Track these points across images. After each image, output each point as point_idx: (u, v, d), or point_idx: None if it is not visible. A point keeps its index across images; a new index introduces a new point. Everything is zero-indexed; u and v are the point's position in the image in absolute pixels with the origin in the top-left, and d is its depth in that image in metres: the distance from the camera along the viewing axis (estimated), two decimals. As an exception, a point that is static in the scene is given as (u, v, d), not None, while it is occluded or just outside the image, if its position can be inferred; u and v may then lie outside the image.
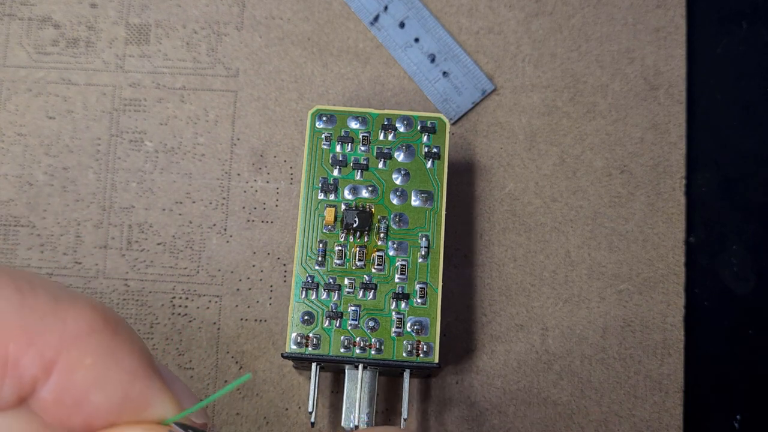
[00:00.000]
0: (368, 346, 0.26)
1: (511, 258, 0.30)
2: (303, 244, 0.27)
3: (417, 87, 0.31)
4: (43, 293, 0.16)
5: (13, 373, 0.16)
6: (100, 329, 0.16)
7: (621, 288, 0.30)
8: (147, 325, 0.30)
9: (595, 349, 0.30)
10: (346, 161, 0.28)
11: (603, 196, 0.31)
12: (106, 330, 0.16)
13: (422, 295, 0.27)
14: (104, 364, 0.16)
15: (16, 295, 0.16)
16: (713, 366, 0.30)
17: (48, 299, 0.16)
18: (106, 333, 0.16)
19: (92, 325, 0.16)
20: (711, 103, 0.32)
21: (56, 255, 0.30)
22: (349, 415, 0.26)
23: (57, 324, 0.16)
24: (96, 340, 0.16)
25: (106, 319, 0.17)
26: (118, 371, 0.16)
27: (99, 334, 0.16)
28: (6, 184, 0.31)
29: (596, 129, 0.31)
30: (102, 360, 0.16)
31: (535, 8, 0.32)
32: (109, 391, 0.16)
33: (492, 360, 0.30)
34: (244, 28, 0.32)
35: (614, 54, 0.31)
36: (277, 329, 0.30)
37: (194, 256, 0.30)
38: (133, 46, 0.32)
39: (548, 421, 0.29)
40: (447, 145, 0.28)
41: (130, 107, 0.31)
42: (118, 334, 0.17)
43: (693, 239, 0.31)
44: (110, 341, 0.16)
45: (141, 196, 0.31)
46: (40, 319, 0.16)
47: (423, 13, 0.32)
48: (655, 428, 0.29)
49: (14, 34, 0.32)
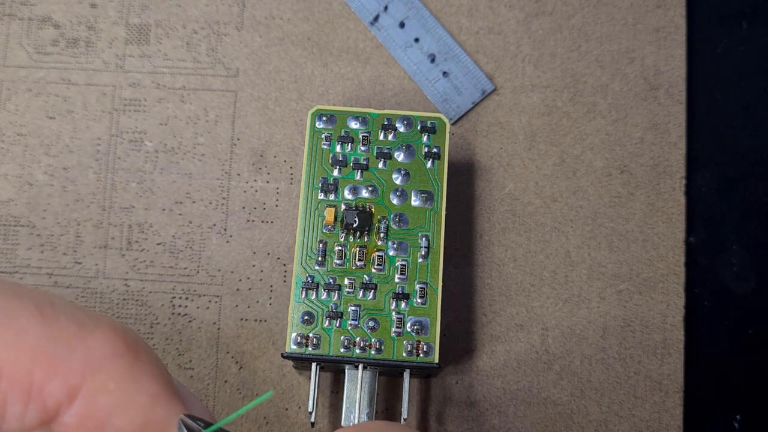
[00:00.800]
0: (368, 346, 0.26)
1: (511, 258, 0.30)
2: (303, 244, 0.27)
3: (417, 87, 0.31)
4: (65, 317, 0.16)
5: (38, 399, 0.16)
6: (122, 353, 0.16)
7: (621, 288, 0.30)
8: (147, 325, 0.30)
9: (595, 349, 0.30)
10: (346, 161, 0.28)
11: (603, 196, 0.31)
12: (128, 354, 0.17)
13: (422, 295, 0.27)
14: (127, 389, 0.16)
15: (40, 320, 0.16)
16: (713, 366, 0.30)
17: (71, 323, 0.16)
18: (128, 357, 0.17)
19: (115, 350, 0.16)
20: (711, 103, 0.32)
21: (56, 255, 0.30)
22: (349, 415, 0.26)
23: (81, 349, 0.16)
24: (119, 364, 0.16)
25: (127, 343, 0.17)
26: (140, 395, 0.16)
27: (122, 358, 0.16)
28: (6, 184, 0.31)
29: (596, 129, 0.31)
30: (125, 384, 0.16)
31: (535, 8, 0.32)
32: (132, 416, 0.16)
33: (492, 360, 0.30)
34: (244, 28, 0.32)
35: (614, 54, 0.31)
36: (277, 329, 0.30)
37: (194, 256, 0.30)
38: (133, 46, 0.32)
39: (548, 421, 0.29)
40: (447, 145, 0.28)
41: (130, 107, 0.31)
42: (139, 358, 0.17)
43: (693, 239, 0.31)
44: (132, 365, 0.17)
45: (141, 196, 0.31)
46: (65, 345, 0.16)
47: (423, 13, 0.32)
48: (655, 428, 0.29)
49: (14, 34, 0.32)
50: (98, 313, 0.17)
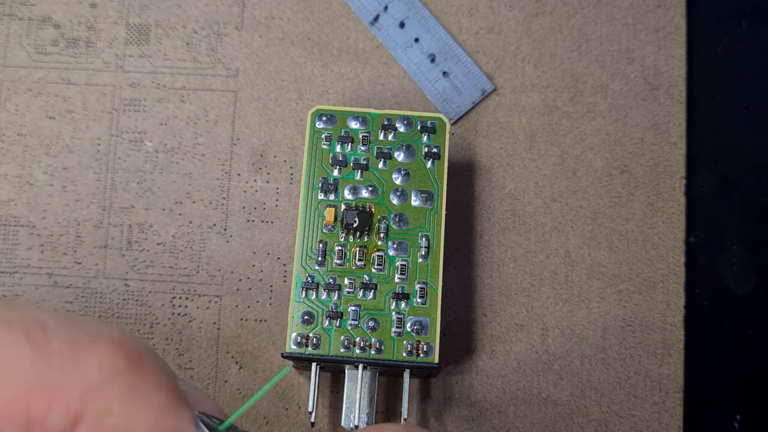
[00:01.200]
0: (368, 346, 0.26)
1: (511, 258, 0.30)
2: (303, 244, 0.27)
3: (417, 87, 0.31)
4: (58, 340, 0.15)
5: None
6: (123, 370, 0.16)
7: (621, 288, 0.30)
8: (147, 325, 0.30)
9: (595, 349, 0.30)
10: (346, 161, 0.28)
11: (603, 196, 0.31)
12: (129, 369, 0.16)
13: (422, 295, 0.27)
14: (132, 407, 0.16)
15: (32, 349, 0.15)
16: (713, 366, 0.30)
17: (65, 345, 0.15)
18: (130, 373, 0.16)
19: (116, 368, 0.16)
20: (711, 103, 0.32)
21: (56, 255, 0.30)
22: (349, 415, 0.26)
23: (78, 373, 0.15)
24: (121, 383, 0.15)
25: (128, 357, 0.16)
26: (147, 411, 0.16)
27: (123, 376, 0.16)
28: (6, 184, 0.31)
29: (596, 129, 0.31)
30: (128, 404, 0.16)
31: (535, 8, 0.32)
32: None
33: (492, 360, 0.30)
34: (244, 28, 0.32)
35: (614, 54, 0.31)
36: (277, 329, 0.30)
37: (194, 256, 0.30)
38: (133, 46, 0.32)
39: (548, 421, 0.29)
40: (447, 145, 0.28)
41: (130, 107, 0.31)
42: (142, 371, 0.16)
43: (693, 239, 0.31)
44: (136, 381, 0.16)
45: (141, 196, 0.31)
46: (60, 372, 0.15)
47: (423, 13, 0.32)
48: (655, 428, 0.29)
49: (14, 34, 0.32)
50: (94, 324, 0.16)
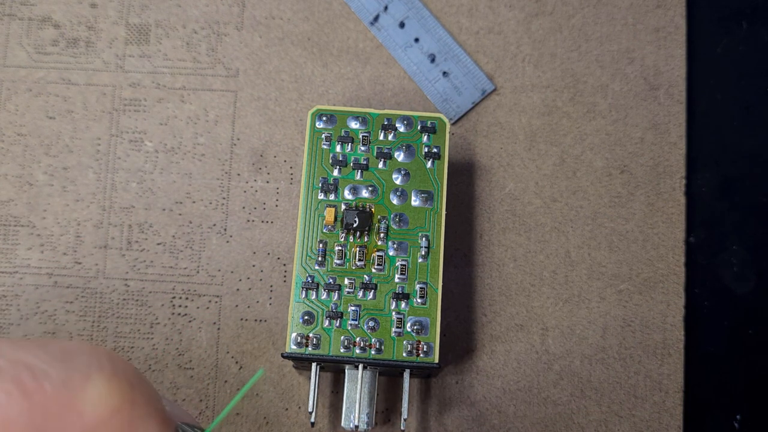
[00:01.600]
0: (368, 346, 0.26)
1: (511, 258, 0.30)
2: (303, 244, 0.27)
3: (417, 87, 0.31)
4: (50, 384, 0.15)
5: None
6: (118, 408, 0.16)
7: (621, 288, 0.30)
8: (147, 325, 0.30)
9: (595, 349, 0.30)
10: (346, 161, 0.28)
11: (603, 196, 0.31)
12: (124, 406, 0.16)
13: (422, 295, 0.27)
14: None
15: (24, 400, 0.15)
16: (713, 366, 0.30)
17: (58, 389, 0.15)
18: (125, 409, 0.16)
19: (111, 405, 0.15)
20: (711, 103, 0.32)
21: (56, 255, 0.30)
22: (349, 415, 0.26)
23: (74, 419, 0.15)
24: (116, 421, 0.15)
25: (122, 393, 0.16)
26: None
27: (119, 414, 0.15)
28: (6, 184, 0.31)
29: (596, 129, 0.31)
30: None
31: (535, 8, 0.32)
32: None
33: (492, 360, 0.30)
34: (244, 28, 0.32)
35: (614, 54, 0.31)
36: (277, 329, 0.30)
37: (194, 256, 0.30)
38: (133, 46, 0.32)
39: (548, 421, 0.29)
40: (447, 145, 0.28)
41: (130, 107, 0.31)
42: (136, 404, 0.16)
43: (693, 239, 0.31)
44: (130, 416, 0.16)
45: (141, 196, 0.31)
46: (56, 420, 0.15)
47: (423, 13, 0.32)
48: (655, 428, 0.29)
49: (14, 34, 0.32)
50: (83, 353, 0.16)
